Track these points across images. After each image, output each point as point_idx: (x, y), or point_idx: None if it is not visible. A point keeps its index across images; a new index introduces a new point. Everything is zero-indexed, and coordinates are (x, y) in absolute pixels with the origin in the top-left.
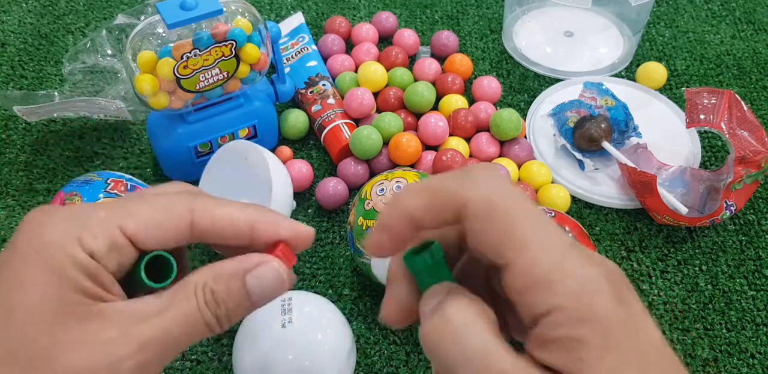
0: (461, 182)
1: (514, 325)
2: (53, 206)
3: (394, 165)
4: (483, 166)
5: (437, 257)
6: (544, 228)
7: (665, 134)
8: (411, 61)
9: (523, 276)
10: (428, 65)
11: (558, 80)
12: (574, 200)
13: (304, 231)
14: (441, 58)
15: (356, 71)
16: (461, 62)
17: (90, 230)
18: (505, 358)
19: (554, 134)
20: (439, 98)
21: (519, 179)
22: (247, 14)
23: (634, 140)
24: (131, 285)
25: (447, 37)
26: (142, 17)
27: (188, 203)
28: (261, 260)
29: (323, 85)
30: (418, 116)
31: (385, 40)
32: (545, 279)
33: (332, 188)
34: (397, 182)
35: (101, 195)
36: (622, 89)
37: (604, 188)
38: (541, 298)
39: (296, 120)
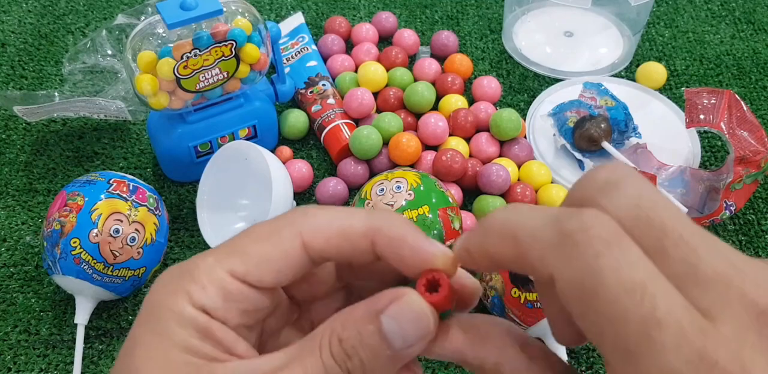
0: (552, 250)
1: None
2: (178, 264)
3: (394, 165)
4: (577, 228)
5: None
6: (651, 315)
7: (665, 134)
8: (411, 61)
9: None
10: (428, 65)
11: (558, 80)
12: None
13: (439, 255)
14: (441, 58)
15: (356, 71)
16: (461, 62)
17: (198, 282)
18: None
19: (554, 134)
20: (439, 97)
21: (519, 179)
22: (247, 14)
23: (633, 140)
24: None
25: (447, 37)
26: (142, 17)
27: (295, 226)
28: (397, 294)
29: (323, 85)
30: (418, 115)
31: (385, 40)
32: None
33: (332, 188)
34: (396, 182)
35: (103, 196)
36: (621, 89)
37: None
38: None
39: (296, 120)
